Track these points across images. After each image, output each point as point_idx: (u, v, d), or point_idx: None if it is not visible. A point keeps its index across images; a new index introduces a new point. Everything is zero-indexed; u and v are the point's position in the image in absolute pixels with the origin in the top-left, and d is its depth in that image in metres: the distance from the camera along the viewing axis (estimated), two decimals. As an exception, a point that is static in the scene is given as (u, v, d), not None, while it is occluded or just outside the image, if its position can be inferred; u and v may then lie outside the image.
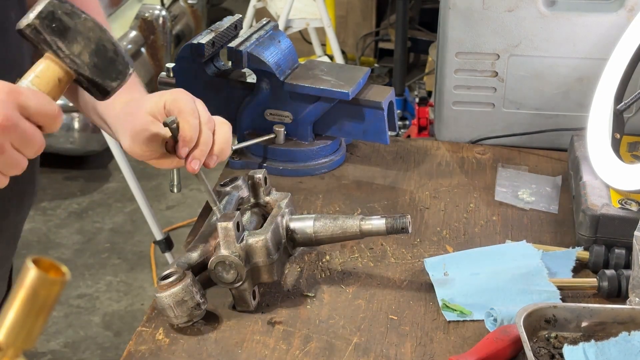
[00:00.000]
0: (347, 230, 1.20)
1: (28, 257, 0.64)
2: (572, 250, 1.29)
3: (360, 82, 1.50)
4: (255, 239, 1.15)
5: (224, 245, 1.14)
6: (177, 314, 1.12)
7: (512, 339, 1.09)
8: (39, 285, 0.62)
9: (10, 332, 0.63)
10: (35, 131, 0.93)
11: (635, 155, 1.44)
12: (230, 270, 1.14)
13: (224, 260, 1.14)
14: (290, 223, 1.22)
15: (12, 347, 0.63)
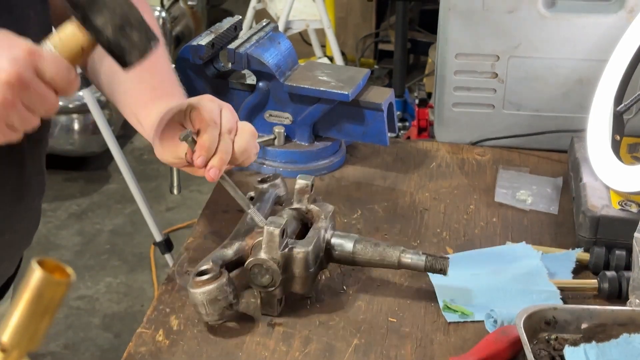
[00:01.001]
0: (386, 259, 1.20)
1: (33, 258, 0.63)
2: (572, 251, 1.29)
3: (360, 83, 1.50)
4: (297, 250, 1.14)
5: (265, 249, 1.13)
6: (208, 312, 1.12)
7: (511, 340, 1.09)
8: (44, 287, 0.62)
9: (15, 333, 0.63)
10: (49, 93, 0.95)
11: (635, 156, 1.44)
12: (266, 275, 1.14)
13: (263, 264, 1.13)
14: (332, 239, 1.21)
15: (17, 348, 0.63)
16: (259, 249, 1.15)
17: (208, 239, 1.35)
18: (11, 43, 0.95)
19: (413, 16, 4.50)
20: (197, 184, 3.83)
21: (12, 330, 0.63)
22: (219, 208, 1.44)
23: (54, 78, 0.95)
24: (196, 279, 1.12)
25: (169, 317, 1.18)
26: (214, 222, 1.40)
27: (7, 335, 0.63)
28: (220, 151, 1.13)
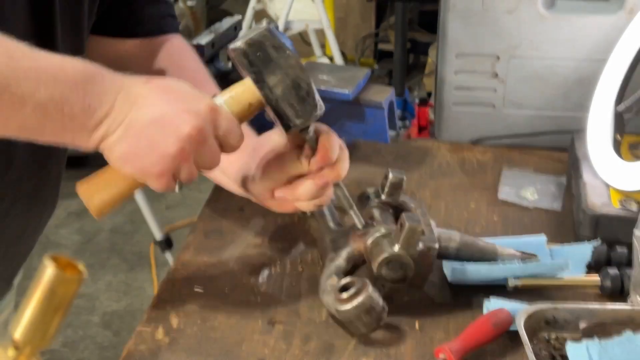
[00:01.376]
0: (485, 255, 1.23)
1: (45, 255, 0.64)
2: (588, 244, 1.28)
3: (360, 82, 1.51)
4: (428, 247, 1.15)
5: (404, 245, 1.13)
6: (366, 322, 1.11)
7: (496, 319, 1.11)
8: (57, 284, 0.62)
9: (28, 330, 0.63)
10: (217, 150, 0.99)
11: (636, 154, 1.44)
12: (399, 270, 1.14)
13: (399, 259, 1.14)
14: (441, 235, 1.21)
15: (29, 345, 0.63)
16: (387, 245, 1.14)
17: (208, 237, 1.36)
18: (195, 97, 0.98)
19: (412, 16, 4.50)
20: (197, 183, 3.81)
21: (25, 327, 0.63)
22: (218, 207, 1.44)
23: (226, 135, 0.98)
24: (343, 296, 1.11)
25: (169, 315, 1.18)
26: (214, 220, 1.40)
27: (20, 332, 0.63)
28: (341, 161, 1.13)
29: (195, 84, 1.03)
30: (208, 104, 0.98)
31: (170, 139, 0.95)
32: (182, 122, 0.95)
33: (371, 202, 1.25)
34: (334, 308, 1.13)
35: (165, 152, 0.95)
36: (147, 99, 0.95)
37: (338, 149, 1.13)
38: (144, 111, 0.94)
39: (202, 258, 1.30)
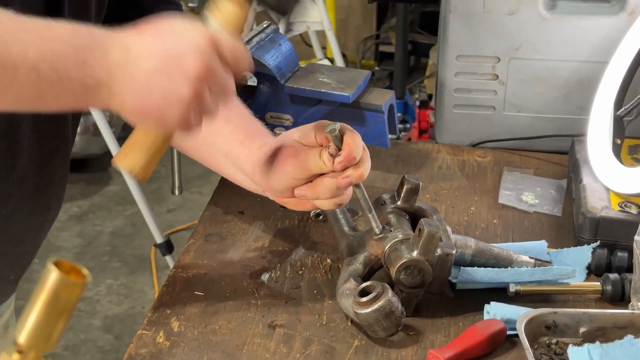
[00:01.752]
0: (500, 262, 1.23)
1: (48, 259, 0.64)
2: (587, 247, 1.28)
3: (361, 85, 1.50)
4: (446, 253, 1.15)
5: (422, 251, 1.13)
6: (386, 326, 1.11)
7: (489, 333, 1.11)
8: (61, 288, 0.62)
9: (32, 334, 0.63)
10: (229, 78, 0.96)
11: (635, 158, 1.44)
12: (417, 276, 1.14)
13: (417, 265, 1.14)
14: (456, 241, 1.22)
15: (34, 349, 0.63)
16: (405, 250, 1.15)
17: (209, 240, 1.35)
18: (191, 32, 0.95)
19: (414, 18, 4.50)
20: (198, 186, 3.83)
21: (29, 331, 0.63)
22: (219, 210, 1.44)
23: (234, 60, 0.96)
24: (362, 300, 1.11)
25: (170, 319, 1.18)
26: (215, 223, 1.40)
27: (24, 336, 0.63)
28: (364, 161, 1.11)
29: None
30: (206, 35, 0.95)
31: (181, 84, 0.92)
32: (187, 63, 0.92)
33: (387, 208, 1.25)
34: (352, 311, 1.13)
35: (179, 98, 0.92)
36: (143, 47, 0.92)
37: (362, 149, 1.11)
38: (144, 62, 0.92)
39: (203, 261, 1.30)
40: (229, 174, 1.25)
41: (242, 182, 1.24)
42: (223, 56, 0.95)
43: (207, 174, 3.87)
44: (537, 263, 1.24)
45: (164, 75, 0.92)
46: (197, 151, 1.27)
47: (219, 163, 1.25)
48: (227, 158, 1.22)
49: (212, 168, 1.28)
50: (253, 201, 1.42)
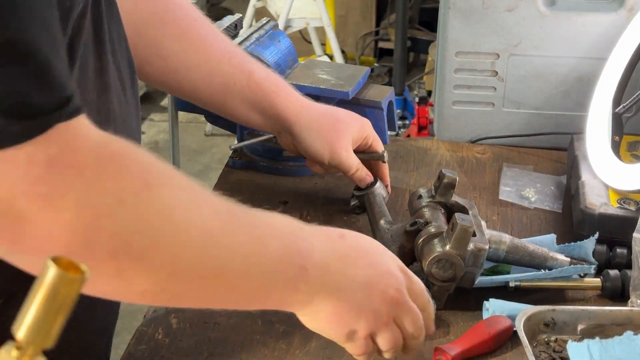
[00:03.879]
0: (535, 259, 1.23)
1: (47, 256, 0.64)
2: (590, 240, 1.27)
3: (360, 81, 1.50)
4: (479, 248, 1.15)
5: (455, 245, 1.14)
6: None
7: (495, 332, 1.11)
8: (59, 284, 0.62)
9: (30, 330, 0.63)
10: (418, 311, 0.99)
11: (634, 154, 1.44)
12: (449, 270, 1.15)
13: (449, 258, 1.14)
14: (491, 236, 1.21)
15: (32, 345, 0.63)
16: (438, 244, 1.16)
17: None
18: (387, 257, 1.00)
19: (413, 14, 4.50)
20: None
21: (27, 327, 0.63)
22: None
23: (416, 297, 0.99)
24: None
25: (169, 316, 1.18)
26: (214, 220, 1.40)
27: (22, 332, 0.63)
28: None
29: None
30: (399, 265, 1.00)
31: (378, 304, 0.95)
32: (387, 286, 0.96)
33: (423, 201, 1.26)
34: None
35: (372, 316, 0.95)
36: (351, 259, 0.96)
37: None
38: (351, 274, 0.95)
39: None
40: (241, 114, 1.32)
41: (258, 125, 1.34)
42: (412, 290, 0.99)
43: (207, 171, 3.87)
44: (573, 262, 1.23)
45: (366, 292, 0.95)
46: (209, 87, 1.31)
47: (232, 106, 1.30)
48: (248, 104, 1.29)
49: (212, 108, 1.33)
50: (253, 198, 1.42)
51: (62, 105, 0.73)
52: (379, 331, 0.96)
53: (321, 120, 1.33)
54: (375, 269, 0.97)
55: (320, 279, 0.92)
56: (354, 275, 0.95)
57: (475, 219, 1.21)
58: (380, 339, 0.97)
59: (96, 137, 0.77)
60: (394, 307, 0.96)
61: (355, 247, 0.97)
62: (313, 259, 0.91)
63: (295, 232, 0.92)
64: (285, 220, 0.92)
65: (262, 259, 0.87)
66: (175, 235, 0.80)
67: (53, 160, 0.72)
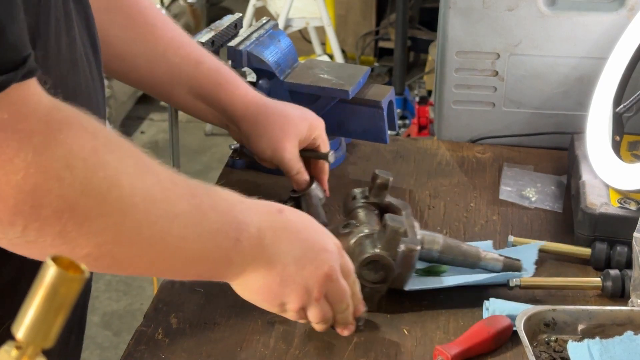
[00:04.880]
0: (468, 258, 1.22)
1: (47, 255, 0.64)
2: (535, 244, 1.28)
3: (360, 81, 1.50)
4: (410, 249, 1.15)
5: (385, 246, 1.14)
6: None
7: (495, 331, 1.11)
8: (59, 283, 0.62)
9: (30, 330, 0.63)
10: (348, 288, 1.03)
11: (635, 154, 1.44)
12: (380, 271, 1.14)
13: (380, 260, 1.14)
14: (424, 237, 1.21)
15: (32, 344, 0.63)
16: (368, 246, 1.15)
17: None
18: (325, 235, 1.03)
19: (413, 14, 4.50)
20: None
21: (27, 327, 0.63)
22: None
23: (347, 275, 1.03)
24: None
25: (169, 316, 1.18)
26: (214, 220, 1.40)
27: (22, 332, 0.63)
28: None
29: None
30: (337, 244, 1.03)
31: (311, 279, 0.99)
32: (321, 262, 0.99)
33: (357, 202, 1.25)
34: None
35: (304, 291, 0.99)
36: (287, 233, 0.98)
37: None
38: (285, 248, 0.98)
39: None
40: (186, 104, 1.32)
41: (205, 117, 1.34)
42: (343, 267, 1.03)
43: (207, 171, 3.87)
44: (506, 261, 1.22)
45: (299, 267, 0.98)
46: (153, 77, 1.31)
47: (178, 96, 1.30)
48: (194, 94, 1.30)
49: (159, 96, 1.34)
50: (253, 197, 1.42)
51: (16, 66, 0.76)
52: (309, 305, 1.00)
53: (268, 118, 1.32)
54: (311, 245, 0.99)
55: (254, 252, 0.94)
56: (289, 250, 0.97)
57: (408, 220, 1.20)
58: (310, 312, 1.01)
59: (46, 103, 0.79)
60: (326, 284, 0.99)
61: (293, 222, 1.00)
62: (248, 231, 0.93)
63: (235, 205, 0.94)
64: (226, 194, 0.94)
65: (199, 228, 0.89)
66: (119, 201, 0.82)
67: (3, 125, 0.75)
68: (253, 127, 1.31)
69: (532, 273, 1.24)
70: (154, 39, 1.27)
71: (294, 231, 0.99)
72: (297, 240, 0.99)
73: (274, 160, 1.33)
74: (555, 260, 1.31)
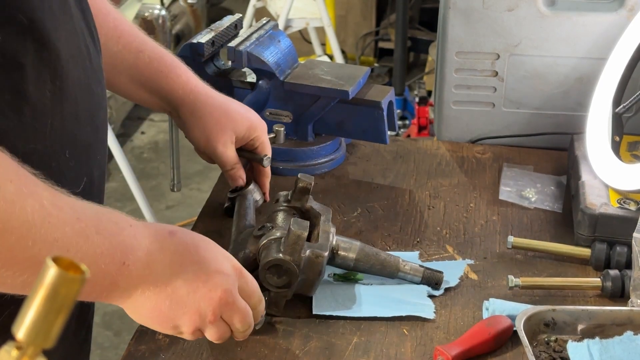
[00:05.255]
0: (386, 268, 1.22)
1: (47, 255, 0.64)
2: (462, 262, 1.28)
3: (360, 81, 1.50)
4: (317, 254, 1.14)
5: (288, 251, 1.13)
6: None
7: (495, 332, 1.11)
8: (59, 284, 0.62)
9: (31, 330, 0.63)
10: (248, 310, 1.01)
11: (635, 154, 1.44)
12: (283, 276, 1.14)
13: (283, 265, 1.13)
14: (339, 244, 1.21)
15: (32, 345, 0.63)
16: (274, 250, 1.14)
17: (208, 237, 1.35)
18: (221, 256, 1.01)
19: (413, 14, 4.50)
20: (197, 182, 3.83)
21: (27, 327, 0.63)
22: (218, 206, 1.43)
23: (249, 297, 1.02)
24: None
25: (169, 315, 1.17)
26: (214, 220, 1.40)
27: (22, 332, 0.63)
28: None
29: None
30: (234, 265, 1.01)
31: (204, 302, 0.97)
32: (214, 285, 0.97)
33: (278, 205, 1.25)
34: None
35: (197, 314, 0.97)
36: (178, 256, 0.97)
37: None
38: (176, 270, 0.96)
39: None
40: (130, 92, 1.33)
41: (150, 105, 1.35)
42: (243, 289, 1.01)
43: (207, 171, 3.87)
44: (427, 273, 1.21)
45: (191, 289, 0.96)
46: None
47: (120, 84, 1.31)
48: (136, 82, 1.30)
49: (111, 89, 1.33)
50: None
51: None
52: (204, 327, 0.99)
53: (206, 108, 1.32)
54: (204, 267, 0.98)
55: (141, 275, 0.93)
56: (179, 273, 0.96)
57: (324, 226, 1.19)
58: (207, 333, 1.00)
59: None
60: (221, 307, 0.98)
61: (185, 244, 0.98)
62: (135, 255, 0.92)
63: (123, 229, 0.93)
64: (116, 217, 0.93)
65: (81, 252, 0.88)
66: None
67: None
68: (190, 115, 1.32)
69: (455, 284, 1.23)
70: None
71: (186, 254, 0.97)
72: (188, 262, 0.97)
73: (207, 152, 1.33)
74: (555, 261, 1.31)
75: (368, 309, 1.18)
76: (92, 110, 1.06)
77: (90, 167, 1.08)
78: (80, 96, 1.01)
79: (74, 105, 1.00)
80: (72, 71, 0.99)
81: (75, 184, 1.04)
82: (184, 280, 0.96)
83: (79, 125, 1.03)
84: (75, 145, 1.03)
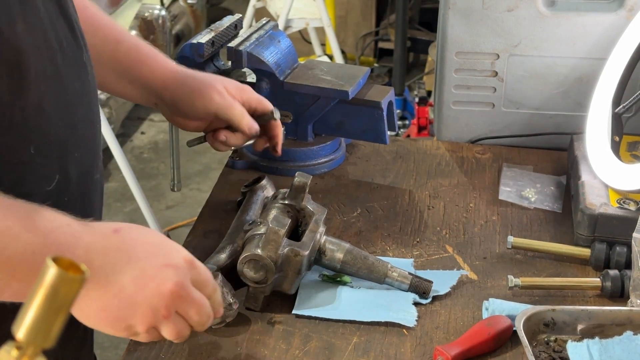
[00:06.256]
0: (373, 273, 1.21)
1: (47, 256, 0.64)
2: (457, 272, 1.27)
3: (360, 81, 1.50)
4: (296, 253, 1.15)
5: (264, 247, 1.13)
6: None
7: (495, 332, 1.11)
8: (59, 284, 0.63)
9: (31, 330, 0.63)
10: (204, 300, 0.97)
11: (634, 154, 1.44)
12: (260, 271, 1.14)
13: (259, 260, 1.13)
14: (326, 244, 1.21)
15: (32, 345, 0.63)
16: (254, 244, 1.15)
17: (208, 237, 1.35)
18: (170, 248, 0.97)
19: (413, 14, 4.50)
20: (197, 182, 3.83)
21: (27, 327, 0.63)
22: (218, 206, 1.44)
23: (202, 287, 0.97)
24: None
25: (169, 315, 1.18)
26: (214, 220, 1.40)
27: (22, 332, 0.63)
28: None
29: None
30: (185, 257, 0.97)
31: (154, 298, 0.93)
32: (163, 279, 0.93)
33: (275, 202, 1.25)
34: None
35: (149, 311, 0.93)
36: (123, 253, 0.93)
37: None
38: (121, 268, 0.92)
39: (201, 258, 1.30)
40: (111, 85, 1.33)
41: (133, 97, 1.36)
42: (196, 280, 0.97)
43: (207, 171, 3.87)
44: (414, 281, 1.21)
45: (138, 286, 0.92)
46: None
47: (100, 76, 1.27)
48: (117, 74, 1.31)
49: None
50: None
51: None
52: (159, 324, 0.94)
53: (190, 82, 1.32)
54: (151, 262, 0.94)
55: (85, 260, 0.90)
56: (125, 270, 0.92)
57: (313, 225, 1.20)
58: (164, 331, 0.95)
59: None
60: (174, 301, 0.94)
61: (130, 241, 0.95)
62: (73, 253, 0.90)
63: (59, 227, 0.91)
64: (52, 216, 0.91)
65: (8, 251, 0.87)
66: None
67: None
68: (179, 91, 1.32)
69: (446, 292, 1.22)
70: None
71: (131, 250, 0.94)
72: (135, 259, 0.93)
73: (206, 116, 1.33)
74: (555, 261, 1.31)
75: (348, 311, 1.18)
76: (67, 105, 1.04)
77: (64, 164, 1.05)
78: (47, 90, 0.99)
79: (38, 99, 0.98)
80: (37, 64, 0.97)
81: (46, 181, 1.02)
82: (131, 278, 0.92)
83: (48, 120, 1.01)
84: (43, 141, 1.01)
